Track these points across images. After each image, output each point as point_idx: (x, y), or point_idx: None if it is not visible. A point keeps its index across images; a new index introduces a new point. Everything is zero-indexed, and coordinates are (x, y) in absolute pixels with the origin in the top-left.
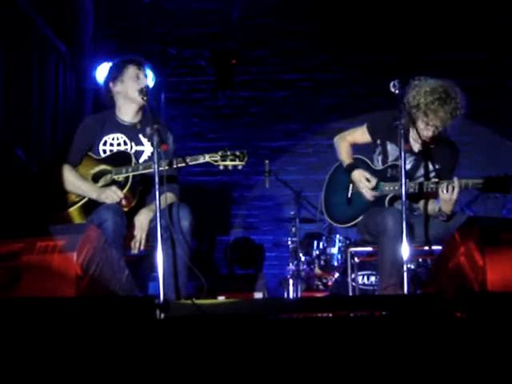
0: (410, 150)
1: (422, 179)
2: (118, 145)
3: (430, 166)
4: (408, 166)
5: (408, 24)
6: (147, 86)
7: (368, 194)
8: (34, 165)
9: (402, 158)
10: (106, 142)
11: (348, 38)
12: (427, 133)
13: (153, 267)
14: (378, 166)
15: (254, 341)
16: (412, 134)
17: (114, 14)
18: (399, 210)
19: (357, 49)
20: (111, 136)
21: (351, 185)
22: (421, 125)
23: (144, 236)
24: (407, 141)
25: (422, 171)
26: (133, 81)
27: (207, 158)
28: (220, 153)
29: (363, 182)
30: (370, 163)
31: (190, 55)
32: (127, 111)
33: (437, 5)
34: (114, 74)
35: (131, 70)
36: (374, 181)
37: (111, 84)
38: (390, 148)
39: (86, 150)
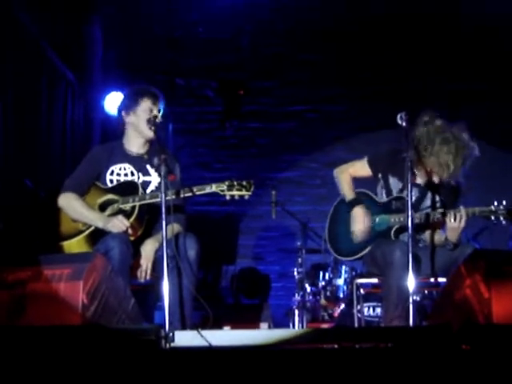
0: (414, 183)
1: (427, 210)
2: (125, 175)
3: (436, 197)
4: (413, 198)
5: (416, 56)
6: (158, 119)
7: (359, 235)
8: (42, 193)
9: (409, 190)
10: (113, 171)
11: (356, 69)
12: (441, 175)
13: (159, 296)
14: (383, 199)
15: (260, 372)
16: (416, 170)
17: (123, 43)
18: (405, 242)
19: (364, 81)
20: (118, 166)
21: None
22: (435, 168)
23: (150, 265)
24: (412, 172)
25: (427, 203)
26: (146, 114)
27: (214, 188)
28: (227, 183)
29: (359, 223)
30: (373, 197)
31: (198, 85)
32: (135, 142)
33: (445, 37)
34: (128, 104)
35: (145, 103)
36: (368, 222)
37: (124, 113)
38: (393, 181)
39: (93, 179)
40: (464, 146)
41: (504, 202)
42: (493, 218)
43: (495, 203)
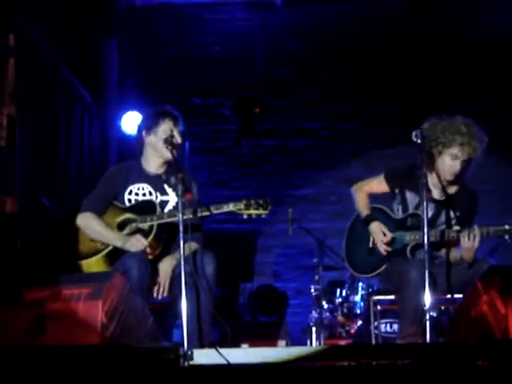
0: (430, 198)
1: (442, 227)
2: (144, 195)
3: (451, 214)
4: (429, 214)
5: (430, 72)
6: (177, 140)
7: (382, 249)
8: (60, 212)
9: (425, 208)
10: (131, 191)
11: (369, 86)
12: (454, 167)
13: (177, 315)
14: (398, 215)
15: None
16: (431, 180)
17: (139, 63)
18: (422, 260)
19: (378, 97)
20: (136, 186)
21: (371, 236)
22: (447, 161)
23: (168, 283)
24: (428, 189)
25: (442, 219)
26: (164, 135)
27: (231, 207)
28: (244, 202)
29: (379, 235)
30: (389, 212)
31: (214, 104)
32: (154, 162)
33: (459, 54)
34: (149, 124)
35: (167, 124)
36: (389, 235)
37: (144, 133)
38: (410, 196)
39: (111, 198)
40: (476, 126)
41: None
42: (507, 237)
43: (509, 222)
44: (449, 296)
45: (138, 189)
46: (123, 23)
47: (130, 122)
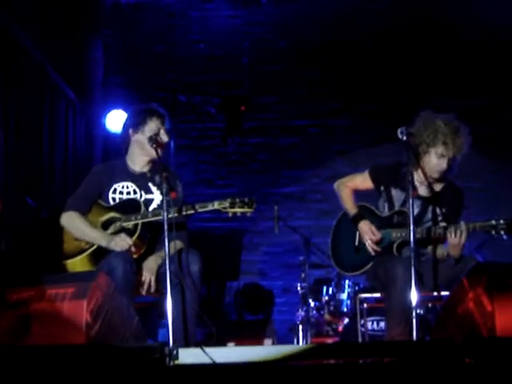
0: (416, 195)
1: (429, 224)
2: (128, 193)
3: (437, 210)
4: (415, 211)
5: (418, 70)
6: (164, 139)
7: (371, 249)
8: (45, 212)
9: (410, 205)
10: (115, 189)
11: (357, 84)
12: (441, 166)
13: (162, 314)
14: (384, 212)
15: None
16: (417, 177)
17: (124, 61)
18: (408, 257)
19: (366, 95)
20: (121, 184)
21: (358, 234)
22: (433, 159)
23: (153, 279)
24: (414, 186)
25: (429, 216)
26: (151, 133)
27: (216, 206)
28: (229, 200)
29: (368, 234)
30: (375, 210)
31: (200, 102)
32: (139, 160)
33: (448, 51)
34: (136, 122)
35: (154, 123)
36: (378, 235)
37: (131, 131)
38: (395, 193)
39: (95, 197)
40: (462, 124)
41: (504, 217)
42: (493, 232)
43: (496, 217)
44: (435, 293)
45: (123, 187)
46: (108, 21)
47: (115, 120)
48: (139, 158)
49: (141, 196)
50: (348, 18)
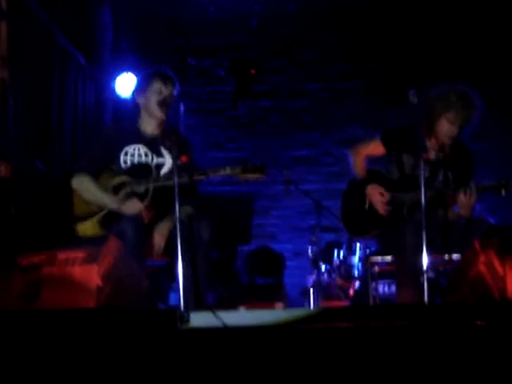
0: (427, 159)
1: (439, 187)
2: (139, 156)
3: (448, 174)
4: (426, 175)
5: (432, 32)
6: (169, 99)
7: (381, 209)
8: (55, 175)
9: (422, 168)
10: (127, 152)
11: (368, 47)
12: (452, 132)
13: (173, 278)
14: (395, 176)
15: (275, 352)
16: (428, 142)
17: (133, 25)
18: (418, 220)
19: (377, 58)
20: (132, 147)
21: (368, 197)
22: (445, 125)
23: (163, 242)
24: (425, 150)
25: (439, 179)
26: (155, 95)
27: (228, 171)
28: (241, 166)
29: (377, 196)
30: (385, 174)
31: (209, 65)
32: (148, 123)
33: (458, 17)
34: (139, 87)
35: (155, 84)
36: (387, 195)
37: (136, 95)
38: (406, 158)
39: (106, 160)
40: (467, 99)
41: None
42: (503, 191)
43: (504, 177)
44: (446, 256)
45: (134, 149)
46: None
47: (125, 84)
48: (148, 120)
49: (152, 159)
50: None
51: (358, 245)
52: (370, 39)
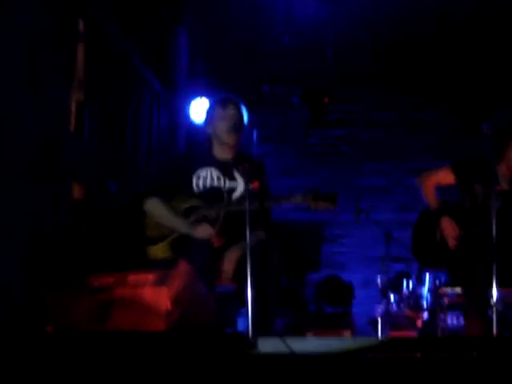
0: (499, 190)
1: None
2: (212, 179)
3: None
4: (497, 206)
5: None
6: (239, 123)
7: (451, 243)
8: (126, 198)
9: (494, 200)
10: (199, 175)
11: (442, 78)
12: None
13: (242, 303)
14: (466, 207)
15: (342, 380)
16: (500, 171)
17: (208, 50)
18: (489, 252)
19: (450, 89)
20: (205, 170)
21: (439, 229)
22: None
23: (232, 268)
24: (497, 181)
25: (511, 211)
26: (221, 122)
27: (299, 199)
28: (312, 194)
29: (449, 230)
30: (457, 205)
31: (283, 93)
32: (221, 149)
33: None
34: (207, 117)
35: (218, 111)
36: (457, 230)
37: (205, 125)
38: (478, 188)
39: (179, 184)
40: None
41: None
42: None
43: None
44: None
45: (207, 173)
46: (192, 9)
47: (198, 109)
48: (220, 146)
49: (224, 183)
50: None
51: (428, 275)
52: (444, 70)
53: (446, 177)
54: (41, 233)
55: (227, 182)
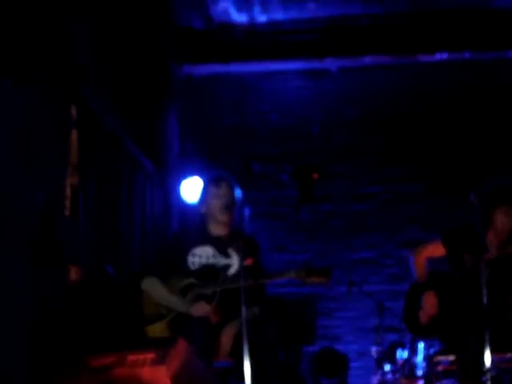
0: (488, 259)
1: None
2: (207, 257)
3: (510, 272)
4: (486, 274)
5: (488, 135)
6: (232, 201)
7: (423, 319)
8: (123, 280)
9: (483, 269)
10: (194, 253)
11: (427, 151)
12: (509, 224)
13: (240, 378)
14: (457, 276)
15: None
16: (488, 239)
17: (199, 131)
18: (480, 319)
19: (436, 161)
20: (200, 248)
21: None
22: (501, 218)
23: (230, 344)
24: (485, 249)
25: (501, 278)
26: (213, 200)
27: (293, 275)
28: (305, 269)
29: (426, 306)
30: (448, 275)
31: (273, 171)
32: (215, 227)
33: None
34: (201, 197)
35: (210, 190)
36: (435, 308)
37: (199, 206)
38: (467, 258)
39: (175, 263)
40: None
41: None
42: None
43: None
44: (509, 355)
45: (202, 251)
46: (182, 93)
47: (190, 188)
48: (214, 224)
49: (219, 260)
50: (415, 88)
51: (422, 344)
52: (428, 144)
53: (436, 250)
54: (40, 316)
55: (222, 259)
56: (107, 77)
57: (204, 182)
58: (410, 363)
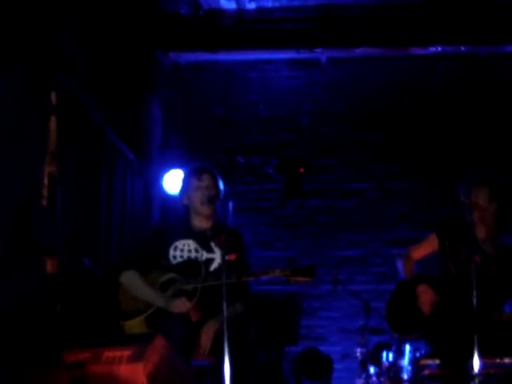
0: (479, 257)
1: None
2: (189, 251)
3: (501, 269)
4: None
5: (479, 131)
6: (212, 193)
7: (426, 309)
8: (100, 272)
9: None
10: (176, 247)
11: (416, 146)
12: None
13: (219, 378)
14: (447, 275)
15: None
16: (479, 235)
17: (183, 121)
18: (468, 320)
19: (425, 157)
20: (182, 242)
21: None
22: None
23: (209, 343)
24: (477, 247)
25: (491, 274)
26: (195, 192)
27: (277, 273)
28: (290, 268)
29: (427, 296)
30: (435, 276)
31: (258, 163)
32: (198, 219)
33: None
34: (182, 188)
35: (192, 182)
36: (436, 297)
37: (181, 197)
38: (461, 249)
39: (156, 256)
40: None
41: None
42: None
43: None
44: (498, 360)
45: (184, 244)
46: (167, 81)
47: (173, 180)
48: (197, 217)
49: (202, 255)
50: (406, 81)
51: (408, 347)
52: (417, 138)
53: (430, 244)
54: (14, 309)
55: (204, 253)
56: (89, 63)
57: (185, 172)
58: (395, 366)
